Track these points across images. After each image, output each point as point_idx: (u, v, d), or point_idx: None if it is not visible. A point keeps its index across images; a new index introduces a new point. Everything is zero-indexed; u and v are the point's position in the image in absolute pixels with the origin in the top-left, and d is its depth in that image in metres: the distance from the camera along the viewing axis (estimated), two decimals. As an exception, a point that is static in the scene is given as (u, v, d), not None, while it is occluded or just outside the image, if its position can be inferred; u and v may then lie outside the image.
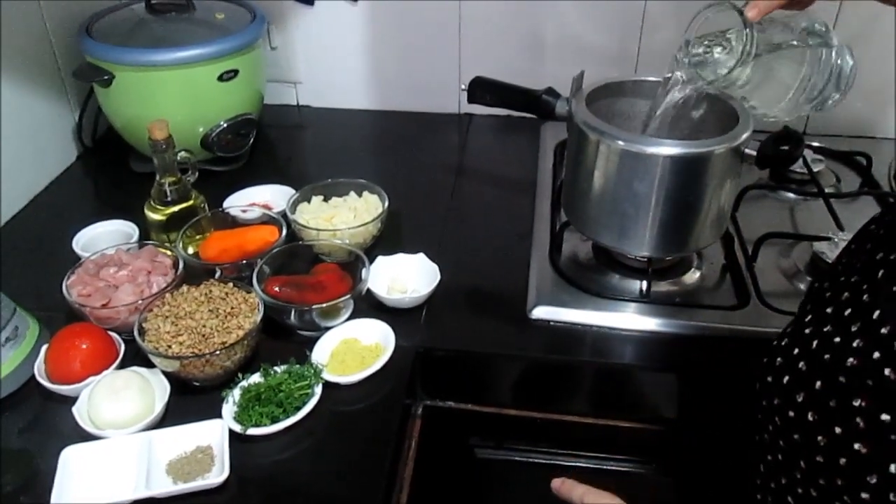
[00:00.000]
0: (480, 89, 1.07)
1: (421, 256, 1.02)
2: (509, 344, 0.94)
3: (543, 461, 1.04)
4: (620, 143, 0.89)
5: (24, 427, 0.83)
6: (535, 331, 0.95)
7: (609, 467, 1.03)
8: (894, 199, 1.17)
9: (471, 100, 1.07)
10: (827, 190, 1.18)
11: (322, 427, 0.82)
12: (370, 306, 0.96)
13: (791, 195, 1.20)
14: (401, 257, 1.02)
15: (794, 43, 0.83)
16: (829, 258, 0.99)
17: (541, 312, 0.96)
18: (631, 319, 0.95)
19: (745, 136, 0.88)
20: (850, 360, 0.54)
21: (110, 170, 1.31)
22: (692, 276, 1.03)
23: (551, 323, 0.95)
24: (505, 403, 0.99)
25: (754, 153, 0.88)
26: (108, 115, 1.25)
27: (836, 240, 1.02)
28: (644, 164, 0.88)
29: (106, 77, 1.15)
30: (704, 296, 1.00)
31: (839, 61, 0.83)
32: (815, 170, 1.21)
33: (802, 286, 1.00)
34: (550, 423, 0.98)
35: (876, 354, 0.53)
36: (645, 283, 0.99)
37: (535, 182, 1.23)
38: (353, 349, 0.90)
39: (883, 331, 0.53)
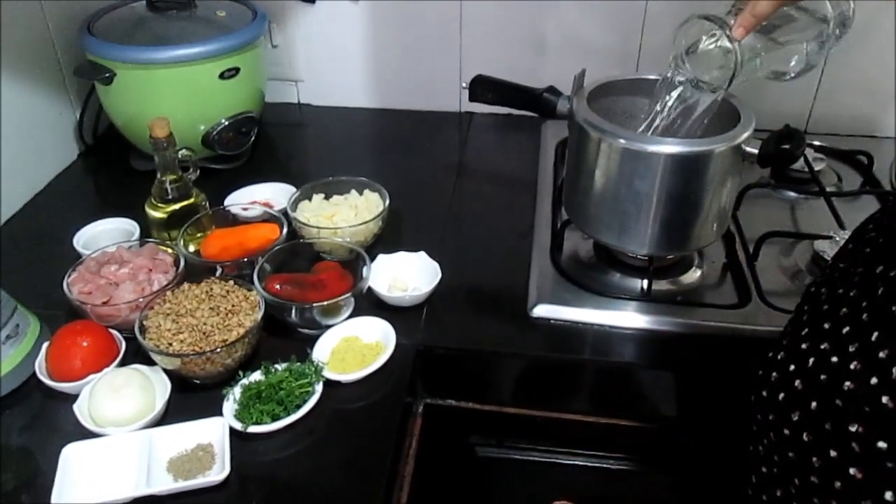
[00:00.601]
0: (481, 87, 1.06)
1: (422, 255, 1.02)
2: (510, 342, 0.94)
3: (543, 459, 1.04)
4: (622, 141, 0.88)
5: (24, 425, 0.83)
6: (535, 329, 0.95)
7: (609, 466, 1.03)
8: (895, 197, 1.17)
9: (472, 98, 1.07)
10: (828, 189, 1.17)
11: (323, 425, 0.82)
12: (371, 304, 0.96)
13: (792, 194, 1.20)
14: (402, 255, 1.02)
15: (791, 35, 0.83)
16: (830, 257, 0.99)
17: (541, 311, 0.96)
18: (632, 318, 0.95)
19: (745, 134, 0.88)
20: (847, 383, 0.54)
21: (111, 168, 1.31)
22: (693, 275, 1.03)
23: (552, 321, 0.95)
24: (505, 402, 0.99)
25: (755, 152, 0.88)
26: (109, 113, 1.25)
27: (837, 238, 1.02)
28: (645, 162, 0.88)
29: (107, 75, 1.15)
30: (705, 294, 1.00)
31: (838, 14, 0.82)
32: (817, 168, 1.21)
33: (803, 285, 0.99)
34: (551, 422, 0.98)
35: (874, 380, 0.52)
36: (646, 282, 0.99)
37: (537, 180, 1.23)
38: (353, 347, 0.90)
39: (881, 355, 0.52)
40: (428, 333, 0.94)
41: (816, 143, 1.31)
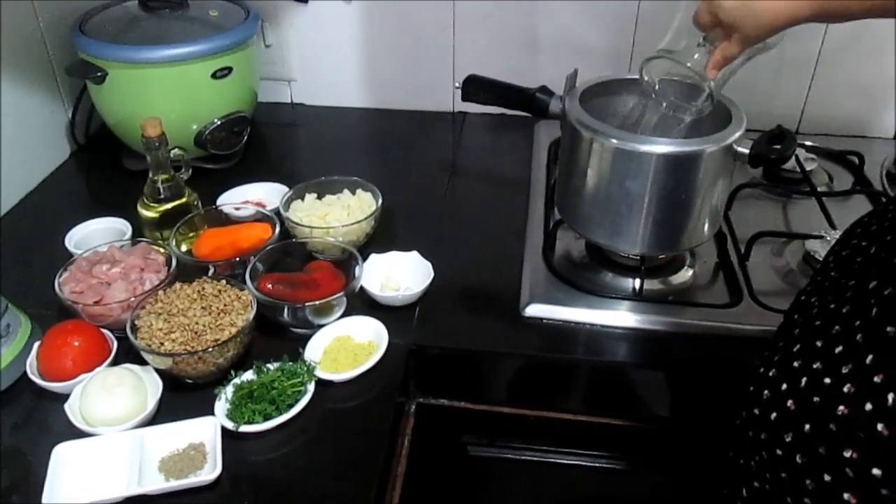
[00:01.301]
0: (474, 87, 1.07)
1: (414, 254, 1.02)
2: (502, 342, 0.94)
3: (536, 459, 1.04)
4: (613, 141, 0.89)
5: (15, 424, 0.82)
6: (528, 329, 0.95)
7: (602, 465, 1.03)
8: (886, 198, 1.18)
9: (464, 98, 1.07)
10: (819, 188, 1.18)
11: (315, 424, 0.82)
12: (363, 304, 0.96)
13: (784, 194, 1.20)
14: (394, 255, 1.02)
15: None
16: (821, 256, 1.00)
17: (534, 310, 0.96)
18: (624, 317, 0.95)
19: (737, 134, 0.88)
20: (841, 408, 0.53)
21: (103, 167, 1.31)
22: (685, 275, 1.03)
23: (544, 321, 0.96)
24: (498, 401, 0.99)
25: (747, 152, 0.89)
26: (102, 112, 1.25)
27: (828, 238, 1.02)
28: (637, 162, 0.88)
29: (99, 74, 1.15)
30: (697, 294, 1.00)
31: None
32: (808, 168, 1.22)
33: (795, 284, 1.00)
34: (543, 421, 0.99)
35: (868, 406, 0.51)
36: (638, 282, 0.99)
37: (529, 180, 1.23)
38: (346, 347, 0.90)
39: (876, 379, 0.51)
40: (420, 333, 0.94)
41: (808, 143, 1.31)
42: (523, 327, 0.95)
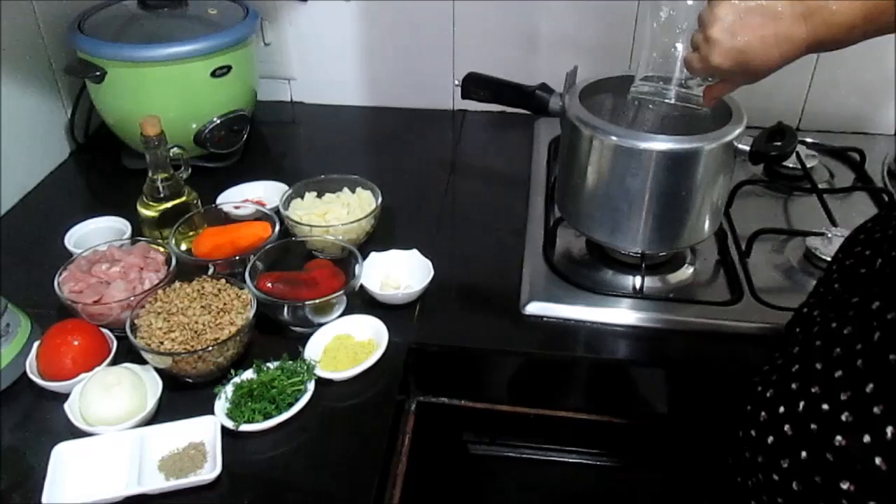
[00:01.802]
0: (474, 85, 1.07)
1: (414, 252, 1.02)
2: (503, 340, 0.94)
3: (536, 457, 1.04)
4: (613, 138, 0.88)
5: (15, 424, 0.82)
6: (528, 327, 0.95)
7: (602, 462, 1.03)
8: (888, 195, 1.17)
9: (464, 96, 1.07)
10: (820, 185, 1.18)
11: (315, 423, 0.82)
12: (363, 302, 0.96)
13: (785, 191, 1.20)
14: (394, 253, 1.02)
15: None
16: (822, 253, 1.00)
17: (534, 308, 0.96)
18: (624, 315, 0.95)
19: (737, 131, 0.88)
20: (839, 437, 0.51)
21: (103, 166, 1.31)
22: (686, 272, 1.03)
23: (545, 319, 0.95)
24: (498, 399, 0.99)
25: (747, 149, 0.88)
26: (101, 111, 1.24)
27: (829, 235, 1.02)
28: (637, 159, 0.88)
29: (98, 73, 1.14)
30: (698, 291, 1.00)
31: None
32: (809, 165, 1.21)
33: (796, 281, 1.00)
34: (544, 419, 0.98)
35: (866, 438, 0.50)
36: (638, 279, 0.99)
37: (529, 178, 1.23)
38: (345, 345, 0.90)
39: (875, 410, 0.50)
40: (420, 331, 0.94)
41: (809, 139, 1.31)
42: (523, 325, 0.95)
